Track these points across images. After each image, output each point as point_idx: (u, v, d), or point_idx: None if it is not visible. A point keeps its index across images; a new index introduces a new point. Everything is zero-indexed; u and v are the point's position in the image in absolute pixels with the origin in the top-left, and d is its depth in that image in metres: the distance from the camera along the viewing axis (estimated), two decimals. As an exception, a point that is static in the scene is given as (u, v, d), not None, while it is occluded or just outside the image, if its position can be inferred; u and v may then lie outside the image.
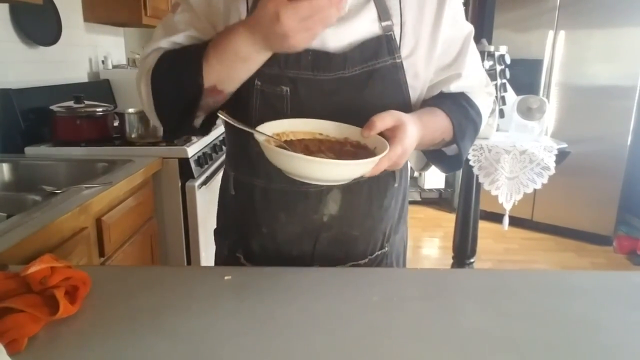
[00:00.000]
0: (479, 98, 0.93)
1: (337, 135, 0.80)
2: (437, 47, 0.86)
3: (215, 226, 1.06)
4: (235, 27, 0.73)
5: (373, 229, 0.94)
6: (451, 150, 0.92)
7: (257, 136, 0.73)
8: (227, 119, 0.75)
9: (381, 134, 0.75)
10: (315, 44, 0.80)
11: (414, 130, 0.76)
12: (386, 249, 0.97)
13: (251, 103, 0.83)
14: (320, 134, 0.80)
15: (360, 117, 0.78)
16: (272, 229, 0.91)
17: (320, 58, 0.82)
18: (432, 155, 0.97)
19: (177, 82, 0.79)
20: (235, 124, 0.75)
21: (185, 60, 0.78)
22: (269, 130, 0.76)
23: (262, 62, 0.76)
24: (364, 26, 0.82)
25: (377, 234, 0.95)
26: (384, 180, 0.92)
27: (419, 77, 0.87)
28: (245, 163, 0.91)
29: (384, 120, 0.74)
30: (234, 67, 0.75)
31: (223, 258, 1.02)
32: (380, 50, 0.83)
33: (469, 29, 0.91)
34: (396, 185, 0.95)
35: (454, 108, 0.87)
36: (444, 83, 0.90)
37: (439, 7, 0.85)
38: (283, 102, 0.83)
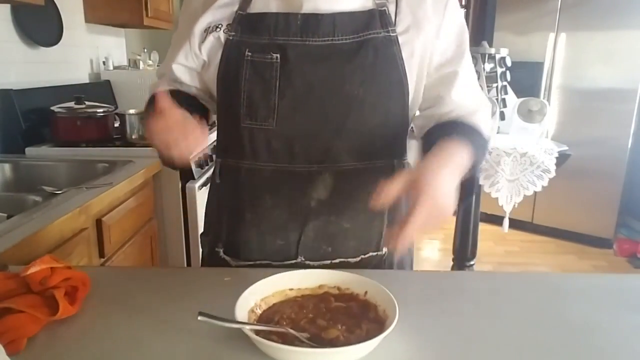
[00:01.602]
0: (482, 122, 0.87)
1: (309, 283, 0.74)
2: (440, 38, 0.85)
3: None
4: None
5: (366, 224, 0.89)
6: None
7: (247, 333, 0.61)
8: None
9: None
10: (307, 6, 0.81)
11: (435, 172, 0.69)
12: (383, 252, 0.92)
13: (241, 73, 0.83)
14: (291, 289, 0.73)
15: (350, 86, 0.78)
16: (257, 214, 0.88)
17: (309, 21, 0.81)
18: None
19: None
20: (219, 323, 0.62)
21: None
22: (244, 311, 0.66)
23: None
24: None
25: (371, 232, 0.90)
26: (382, 173, 0.85)
27: (414, 58, 0.84)
28: (232, 145, 0.89)
29: (395, 184, 0.67)
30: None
31: (204, 257, 0.99)
32: (373, 22, 0.82)
33: (464, 28, 0.89)
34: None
35: (469, 140, 0.79)
36: (442, 82, 0.87)
37: None
38: (272, 70, 0.81)
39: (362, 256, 0.91)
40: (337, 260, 0.89)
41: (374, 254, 0.91)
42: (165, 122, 0.72)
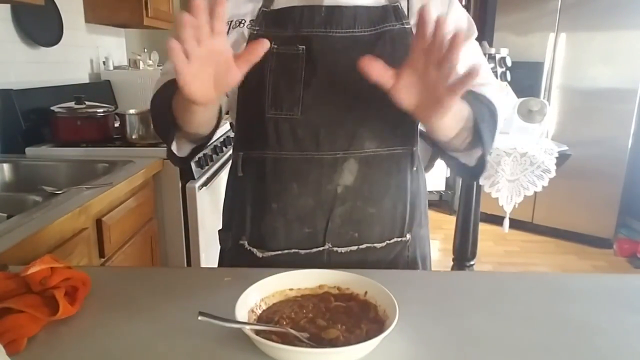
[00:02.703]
0: (492, 95, 0.90)
1: (309, 283, 0.74)
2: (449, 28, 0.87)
3: (218, 228, 1.04)
4: None
5: (390, 210, 0.91)
6: (473, 159, 0.89)
7: (247, 333, 0.61)
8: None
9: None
10: (328, 0, 0.86)
11: None
12: (407, 238, 0.94)
13: (266, 65, 0.85)
14: (291, 289, 0.73)
15: None
16: (283, 203, 0.89)
17: (333, 13, 0.85)
18: (457, 167, 0.93)
19: (161, 116, 0.86)
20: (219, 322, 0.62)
21: (163, 100, 0.84)
22: (244, 311, 0.65)
23: (203, 112, 0.77)
24: None
25: (395, 217, 0.92)
26: (401, 159, 0.91)
27: None
28: (255, 136, 0.90)
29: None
30: (184, 114, 0.79)
31: (226, 252, 1.00)
32: (387, 16, 0.87)
33: (467, 22, 0.94)
34: (414, 169, 0.94)
35: (468, 95, 0.81)
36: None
37: None
38: (298, 61, 0.84)
39: (388, 241, 0.93)
40: (363, 246, 0.91)
41: (399, 239, 0.94)
42: (214, 46, 0.65)
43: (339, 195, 0.88)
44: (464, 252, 2.43)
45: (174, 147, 0.89)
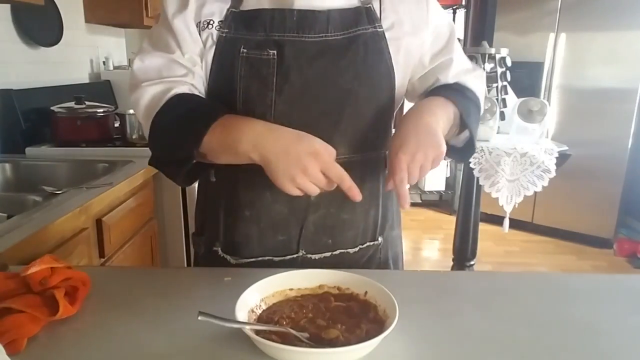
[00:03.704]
0: (470, 82, 0.93)
1: (309, 283, 0.74)
2: (428, 32, 0.89)
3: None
4: (253, 125, 0.75)
5: (363, 215, 0.91)
6: (460, 141, 0.92)
7: (247, 333, 0.61)
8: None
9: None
10: (299, 3, 0.82)
11: (410, 125, 0.77)
12: (379, 241, 0.95)
13: (236, 72, 0.82)
14: (291, 289, 0.74)
15: (345, 80, 0.81)
16: (257, 210, 0.88)
17: (305, 17, 0.83)
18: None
19: (176, 138, 0.80)
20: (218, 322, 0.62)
21: (189, 123, 0.78)
22: (244, 311, 0.66)
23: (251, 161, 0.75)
24: None
25: (368, 221, 0.92)
26: (375, 164, 0.91)
27: (401, 53, 0.87)
28: None
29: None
30: (228, 156, 0.77)
31: (200, 257, 0.98)
32: (360, 18, 0.85)
33: (449, 17, 0.95)
34: (387, 171, 0.92)
35: (451, 92, 0.87)
36: (439, 70, 0.92)
37: None
38: (269, 67, 0.81)
39: (360, 246, 0.93)
40: (337, 252, 0.91)
41: (371, 243, 0.94)
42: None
43: (313, 202, 0.87)
44: (464, 252, 2.43)
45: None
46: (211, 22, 0.84)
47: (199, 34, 0.84)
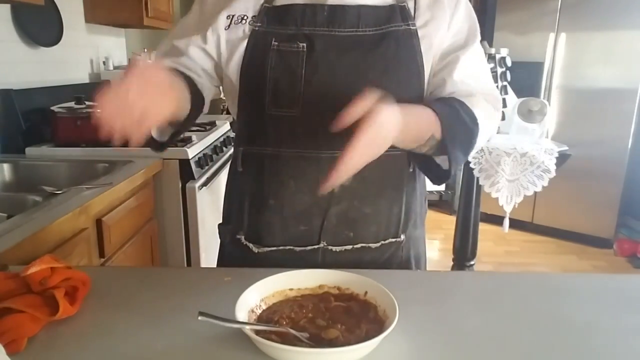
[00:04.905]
0: (477, 107, 0.88)
1: (309, 283, 0.74)
2: (450, 30, 0.89)
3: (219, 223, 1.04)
4: None
5: (386, 210, 0.92)
6: (443, 162, 0.89)
7: (247, 333, 0.61)
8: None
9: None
10: None
11: (392, 110, 0.71)
12: (401, 238, 0.95)
13: (267, 62, 0.85)
14: (291, 289, 0.73)
15: (373, 75, 0.82)
16: (280, 199, 0.89)
17: (336, 12, 0.85)
18: (422, 164, 0.94)
19: None
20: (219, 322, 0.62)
21: None
22: (244, 311, 0.65)
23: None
24: None
25: (390, 217, 0.93)
26: (398, 160, 0.91)
27: (432, 51, 0.88)
28: (255, 133, 0.91)
29: (358, 105, 0.69)
30: None
31: (225, 246, 1.01)
32: (394, 16, 0.87)
33: (477, 25, 0.92)
34: (411, 170, 0.94)
35: (445, 108, 0.83)
36: (445, 69, 0.89)
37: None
38: (298, 58, 0.84)
39: (382, 242, 0.93)
40: (358, 246, 0.91)
41: (393, 240, 0.94)
42: (144, 82, 0.66)
43: (336, 194, 0.88)
44: (464, 252, 2.43)
45: (153, 132, 0.87)
46: (245, 17, 0.88)
47: (230, 27, 0.88)
